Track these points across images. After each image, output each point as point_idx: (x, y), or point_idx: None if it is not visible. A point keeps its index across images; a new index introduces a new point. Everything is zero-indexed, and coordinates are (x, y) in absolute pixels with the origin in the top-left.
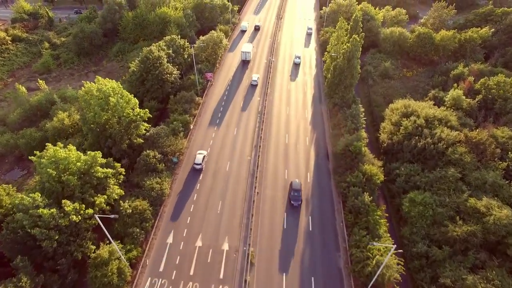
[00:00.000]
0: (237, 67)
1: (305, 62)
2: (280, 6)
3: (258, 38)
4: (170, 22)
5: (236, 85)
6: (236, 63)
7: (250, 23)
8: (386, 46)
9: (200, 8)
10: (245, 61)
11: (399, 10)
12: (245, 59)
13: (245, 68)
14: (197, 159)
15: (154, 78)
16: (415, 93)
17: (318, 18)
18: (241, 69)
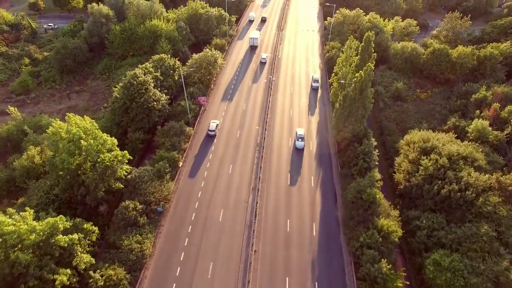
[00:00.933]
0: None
1: (308, 82)
2: (281, 16)
3: (258, 52)
4: (161, 36)
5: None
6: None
7: (248, 35)
8: (397, 63)
9: (194, 20)
10: (253, 47)
11: (409, 22)
12: (253, 45)
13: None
14: (211, 127)
15: (139, 107)
16: (431, 118)
17: (322, 29)
18: (249, 53)
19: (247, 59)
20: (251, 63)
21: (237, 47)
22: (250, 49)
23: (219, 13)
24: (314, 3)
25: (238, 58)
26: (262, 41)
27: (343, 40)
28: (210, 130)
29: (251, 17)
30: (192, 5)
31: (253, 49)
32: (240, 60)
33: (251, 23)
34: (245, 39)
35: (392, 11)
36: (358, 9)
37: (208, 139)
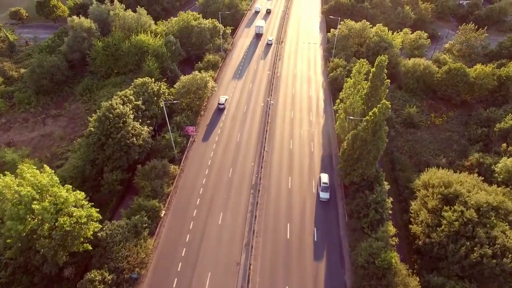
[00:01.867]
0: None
1: (311, 107)
2: (281, 27)
3: (255, 68)
4: (148, 52)
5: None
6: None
7: (244, 50)
8: (408, 82)
9: (186, 33)
10: (258, 34)
11: (419, 34)
12: (258, 33)
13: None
14: (221, 100)
15: (116, 144)
16: (448, 150)
17: (325, 41)
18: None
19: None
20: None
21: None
22: (256, 36)
23: (212, 25)
24: (316, 11)
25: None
26: (259, 58)
27: (348, 55)
28: (220, 103)
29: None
30: (183, 16)
31: (259, 37)
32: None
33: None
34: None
35: (399, 20)
36: (364, 21)
37: (196, 181)
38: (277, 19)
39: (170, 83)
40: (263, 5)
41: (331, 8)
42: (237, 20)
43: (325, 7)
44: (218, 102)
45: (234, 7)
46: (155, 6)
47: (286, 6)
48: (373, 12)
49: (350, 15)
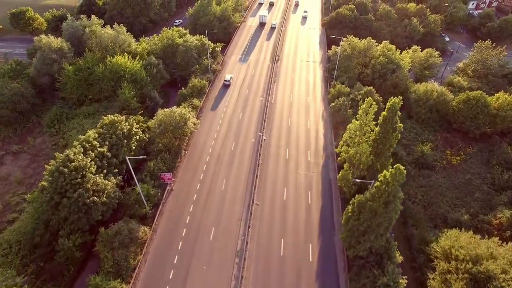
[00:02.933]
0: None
1: (309, 144)
2: (277, 41)
3: (245, 95)
4: (125, 77)
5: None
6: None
7: (236, 70)
8: (420, 112)
9: (170, 52)
10: (262, 23)
11: (430, 52)
12: (262, 22)
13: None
14: (227, 78)
15: (73, 204)
16: (469, 198)
17: (325, 60)
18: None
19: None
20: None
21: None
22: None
23: (200, 42)
24: (316, 24)
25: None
26: (252, 79)
27: (351, 78)
28: (225, 80)
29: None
30: (167, 33)
31: (262, 26)
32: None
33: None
34: None
35: (406, 34)
36: (370, 39)
37: (170, 246)
38: (272, 34)
39: (150, 113)
40: (256, 18)
41: (332, 20)
42: (230, 34)
43: (326, 18)
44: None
45: (226, 19)
46: (141, 19)
47: (283, 18)
48: (378, 24)
49: (352, 28)
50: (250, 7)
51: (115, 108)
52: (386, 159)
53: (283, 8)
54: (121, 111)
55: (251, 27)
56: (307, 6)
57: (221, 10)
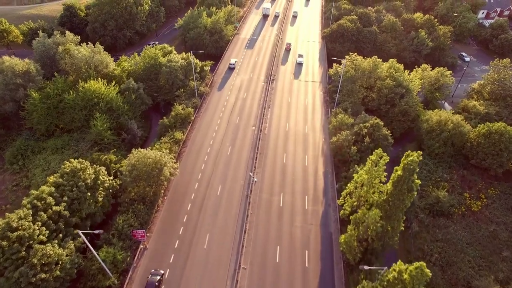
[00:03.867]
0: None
1: (306, 187)
2: (272, 59)
3: (236, 123)
4: (100, 105)
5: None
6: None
7: (226, 92)
8: (433, 145)
9: (153, 73)
10: (265, 15)
11: (441, 71)
12: (265, 14)
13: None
14: (231, 61)
15: (13, 285)
16: (496, 257)
17: (325, 79)
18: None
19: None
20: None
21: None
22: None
23: (187, 62)
24: (315, 36)
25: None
26: (244, 103)
27: (355, 104)
28: (231, 63)
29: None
30: (149, 52)
31: (265, 18)
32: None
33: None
34: None
35: (413, 48)
36: (375, 58)
37: None
38: (268, 49)
39: (127, 147)
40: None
41: (333, 32)
42: (222, 48)
43: (326, 30)
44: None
45: (217, 32)
46: (125, 31)
47: (280, 30)
48: (382, 37)
49: (355, 42)
50: (245, 16)
51: (86, 142)
52: (398, 222)
53: (280, 18)
54: (94, 145)
55: (245, 40)
56: (306, 16)
57: (212, 22)
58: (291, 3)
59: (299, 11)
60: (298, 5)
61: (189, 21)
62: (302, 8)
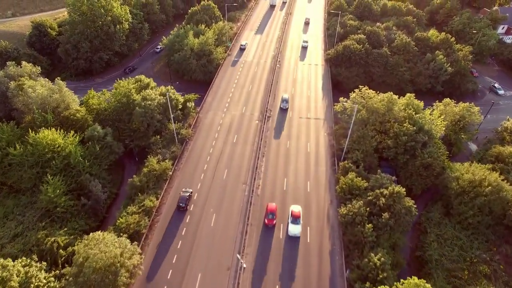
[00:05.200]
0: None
1: (309, 278)
2: (268, 90)
3: (223, 179)
4: (55, 161)
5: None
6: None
7: (212, 135)
8: (465, 212)
9: (125, 112)
10: (272, 6)
11: (467, 107)
12: (272, 4)
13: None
14: (243, 43)
15: None
16: None
17: (330, 117)
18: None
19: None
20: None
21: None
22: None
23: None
24: (318, 58)
25: None
26: (233, 149)
27: (367, 154)
28: (241, 45)
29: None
30: (121, 87)
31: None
32: None
33: None
34: None
35: (429, 73)
36: (391, 96)
37: None
38: (264, 73)
39: (89, 214)
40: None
41: (338, 55)
42: (211, 74)
43: (330, 52)
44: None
45: (206, 55)
46: (101, 54)
47: (278, 49)
48: (394, 60)
49: (363, 66)
50: (239, 33)
51: (36, 210)
52: None
53: (278, 34)
54: (45, 214)
55: (237, 63)
56: (308, 32)
57: (200, 44)
58: (290, 16)
59: (300, 26)
60: (299, 19)
61: (174, 40)
62: (302, 24)
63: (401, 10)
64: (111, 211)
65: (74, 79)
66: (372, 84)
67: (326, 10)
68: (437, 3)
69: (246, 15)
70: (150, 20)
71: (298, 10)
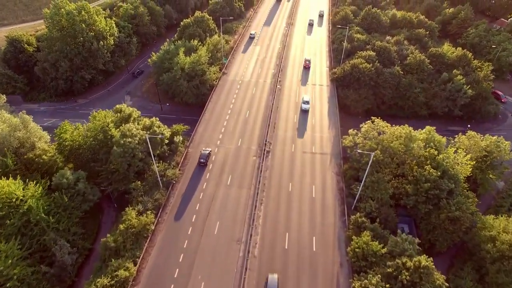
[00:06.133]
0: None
1: None
2: (268, 116)
3: (213, 235)
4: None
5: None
6: None
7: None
8: (505, 283)
9: (102, 150)
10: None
11: (495, 142)
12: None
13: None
14: (252, 32)
15: None
16: None
17: (338, 151)
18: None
19: None
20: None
21: None
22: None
23: (149, 133)
24: (322, 77)
25: None
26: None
27: (383, 204)
28: (251, 33)
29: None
30: (97, 120)
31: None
32: None
33: None
34: None
35: (446, 95)
36: (409, 131)
37: None
38: (263, 93)
39: (55, 284)
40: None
41: (345, 75)
42: (204, 96)
43: (337, 71)
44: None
45: (198, 75)
46: (83, 73)
47: (278, 66)
48: (407, 81)
49: (373, 87)
50: (236, 48)
51: None
52: None
53: (279, 49)
54: None
55: (234, 84)
56: (310, 48)
57: (191, 63)
58: (292, 27)
59: (302, 42)
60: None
61: (164, 57)
62: (305, 36)
63: (412, 22)
64: (82, 272)
65: (54, 100)
66: (383, 106)
67: (330, 20)
68: (449, 12)
69: (244, 26)
70: (140, 32)
71: (301, 18)
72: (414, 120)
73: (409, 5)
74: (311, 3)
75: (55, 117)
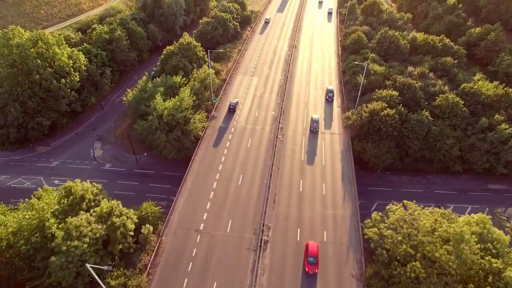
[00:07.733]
0: None
1: None
2: (265, 193)
3: None
4: None
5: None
6: None
7: (189, 248)
8: None
9: (35, 256)
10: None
11: None
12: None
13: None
14: (267, 17)
15: None
16: None
17: (358, 247)
18: None
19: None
20: None
21: None
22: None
23: (108, 224)
24: (335, 124)
25: None
26: None
27: None
28: (266, 18)
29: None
30: (33, 210)
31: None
32: None
33: None
34: None
35: (487, 147)
36: (461, 231)
37: None
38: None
39: None
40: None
41: (363, 125)
42: (186, 151)
43: (351, 115)
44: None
45: (179, 124)
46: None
47: (279, 105)
48: (438, 129)
49: (396, 138)
50: (229, 80)
51: None
52: None
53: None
54: None
55: (225, 133)
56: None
57: (171, 110)
58: (295, 50)
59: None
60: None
61: (141, 97)
62: (310, 58)
63: (436, 47)
64: None
65: (7, 149)
66: (407, 160)
67: (340, 42)
68: (475, 32)
69: (239, 50)
70: (117, 59)
71: (305, 39)
72: (445, 176)
73: (426, 21)
74: (316, 16)
75: (7, 173)
